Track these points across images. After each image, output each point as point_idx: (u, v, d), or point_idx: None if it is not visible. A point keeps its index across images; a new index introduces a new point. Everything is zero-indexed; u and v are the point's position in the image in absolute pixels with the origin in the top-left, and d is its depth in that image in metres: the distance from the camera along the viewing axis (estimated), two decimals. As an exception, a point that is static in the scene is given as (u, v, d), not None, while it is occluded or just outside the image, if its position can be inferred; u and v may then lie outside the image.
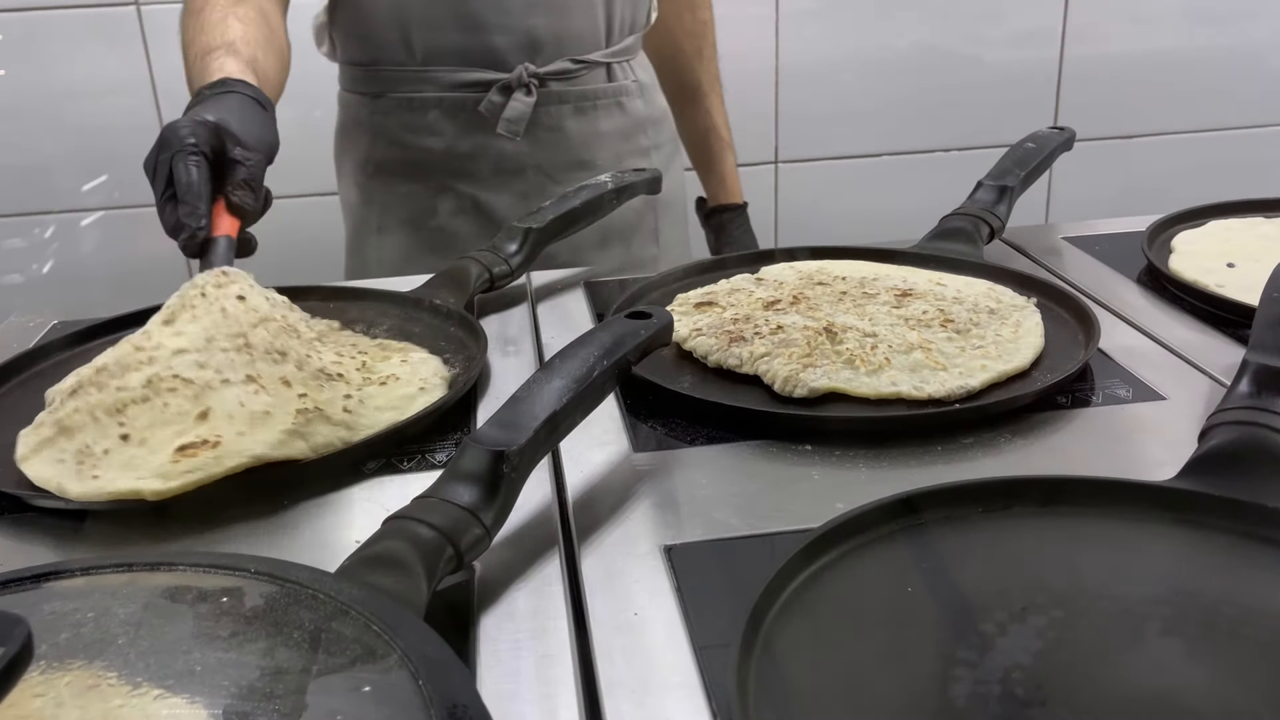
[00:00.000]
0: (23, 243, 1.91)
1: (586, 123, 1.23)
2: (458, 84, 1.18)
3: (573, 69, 1.20)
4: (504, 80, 1.16)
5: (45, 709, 0.42)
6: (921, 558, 0.58)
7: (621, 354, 0.66)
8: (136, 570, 0.54)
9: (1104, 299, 0.92)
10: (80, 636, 0.47)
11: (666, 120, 1.35)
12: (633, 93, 1.27)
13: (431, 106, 1.20)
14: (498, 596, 0.57)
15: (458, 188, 1.22)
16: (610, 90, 1.24)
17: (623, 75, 1.26)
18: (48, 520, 0.66)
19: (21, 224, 1.89)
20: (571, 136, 1.22)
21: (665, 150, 1.33)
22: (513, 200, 1.22)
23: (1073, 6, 2.01)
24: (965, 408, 0.73)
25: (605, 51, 1.23)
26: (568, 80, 1.20)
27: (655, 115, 1.31)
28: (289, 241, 1.86)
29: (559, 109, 1.21)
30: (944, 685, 0.48)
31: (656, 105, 1.32)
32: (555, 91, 1.19)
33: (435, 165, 1.21)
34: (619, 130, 1.26)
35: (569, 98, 1.21)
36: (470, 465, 0.58)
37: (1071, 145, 1.16)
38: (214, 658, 0.46)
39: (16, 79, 1.79)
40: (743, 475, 0.68)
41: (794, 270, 0.96)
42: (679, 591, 0.57)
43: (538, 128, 1.19)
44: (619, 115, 1.26)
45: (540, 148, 1.21)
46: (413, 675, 0.46)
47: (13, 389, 0.83)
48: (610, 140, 1.25)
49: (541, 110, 1.19)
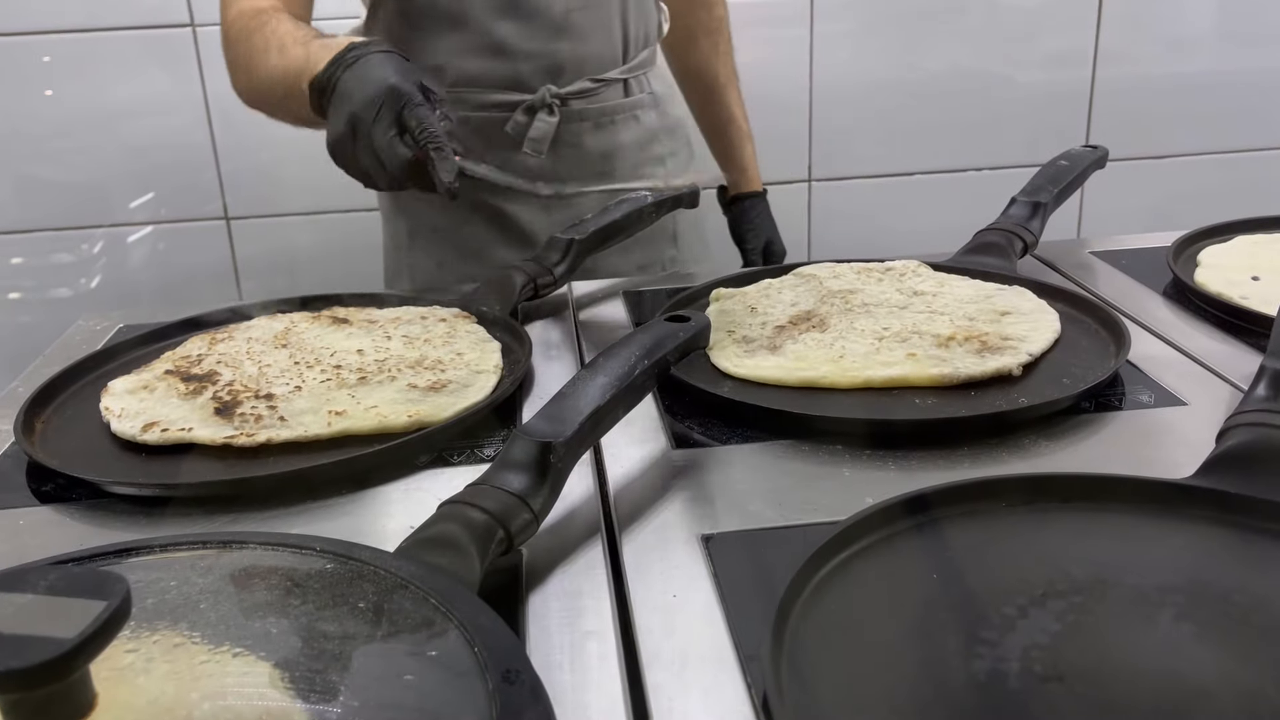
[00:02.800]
0: (73, 256, 1.97)
1: (605, 137, 1.28)
2: (485, 105, 1.23)
3: (592, 88, 1.25)
4: (529, 102, 1.22)
5: (136, 663, 0.45)
6: (946, 548, 0.61)
7: (661, 354, 0.70)
8: (211, 547, 0.58)
9: (1130, 310, 0.95)
10: (165, 602, 0.50)
11: (680, 127, 1.40)
12: (647, 105, 1.32)
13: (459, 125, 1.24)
14: (544, 578, 0.61)
15: (483, 199, 1.26)
16: (627, 104, 1.30)
17: (638, 89, 1.31)
18: (122, 505, 0.70)
19: (76, 237, 1.95)
20: (591, 151, 1.28)
21: (680, 156, 1.39)
22: (535, 212, 1.27)
23: (1105, 28, 2.03)
24: (991, 413, 0.76)
25: (622, 69, 1.28)
26: (587, 98, 1.26)
27: (669, 124, 1.37)
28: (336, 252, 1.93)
29: (579, 126, 1.26)
30: (965, 661, 0.51)
31: (670, 114, 1.37)
32: (576, 110, 1.25)
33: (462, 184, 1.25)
34: (635, 141, 1.31)
35: (589, 115, 1.26)
36: (520, 455, 0.62)
37: (1104, 164, 1.18)
38: (286, 623, 0.50)
39: (73, 98, 1.85)
40: (776, 472, 0.71)
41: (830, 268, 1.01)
42: (715, 576, 0.60)
43: (559, 144, 1.25)
44: (635, 127, 1.31)
45: (561, 162, 1.26)
46: (468, 642, 0.49)
47: (84, 386, 0.87)
48: (627, 151, 1.30)
49: (563, 128, 1.24)
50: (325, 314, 0.95)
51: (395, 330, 0.91)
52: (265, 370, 0.83)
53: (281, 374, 0.82)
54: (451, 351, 0.86)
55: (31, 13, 1.78)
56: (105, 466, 0.74)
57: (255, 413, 0.76)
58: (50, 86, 1.84)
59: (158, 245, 1.97)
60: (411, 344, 0.88)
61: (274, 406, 0.77)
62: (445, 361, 0.84)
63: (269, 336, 0.90)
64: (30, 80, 1.83)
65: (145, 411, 0.78)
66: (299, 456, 0.73)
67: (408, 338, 0.89)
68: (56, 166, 1.90)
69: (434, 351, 0.86)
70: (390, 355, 0.85)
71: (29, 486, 0.74)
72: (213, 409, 0.77)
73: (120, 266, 1.97)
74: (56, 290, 1.98)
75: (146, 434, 0.75)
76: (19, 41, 1.80)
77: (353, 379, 0.81)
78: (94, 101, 1.85)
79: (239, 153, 1.90)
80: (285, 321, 0.94)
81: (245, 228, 1.94)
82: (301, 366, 0.83)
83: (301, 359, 0.85)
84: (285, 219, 1.93)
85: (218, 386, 0.81)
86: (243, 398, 0.78)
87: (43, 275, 1.96)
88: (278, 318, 0.96)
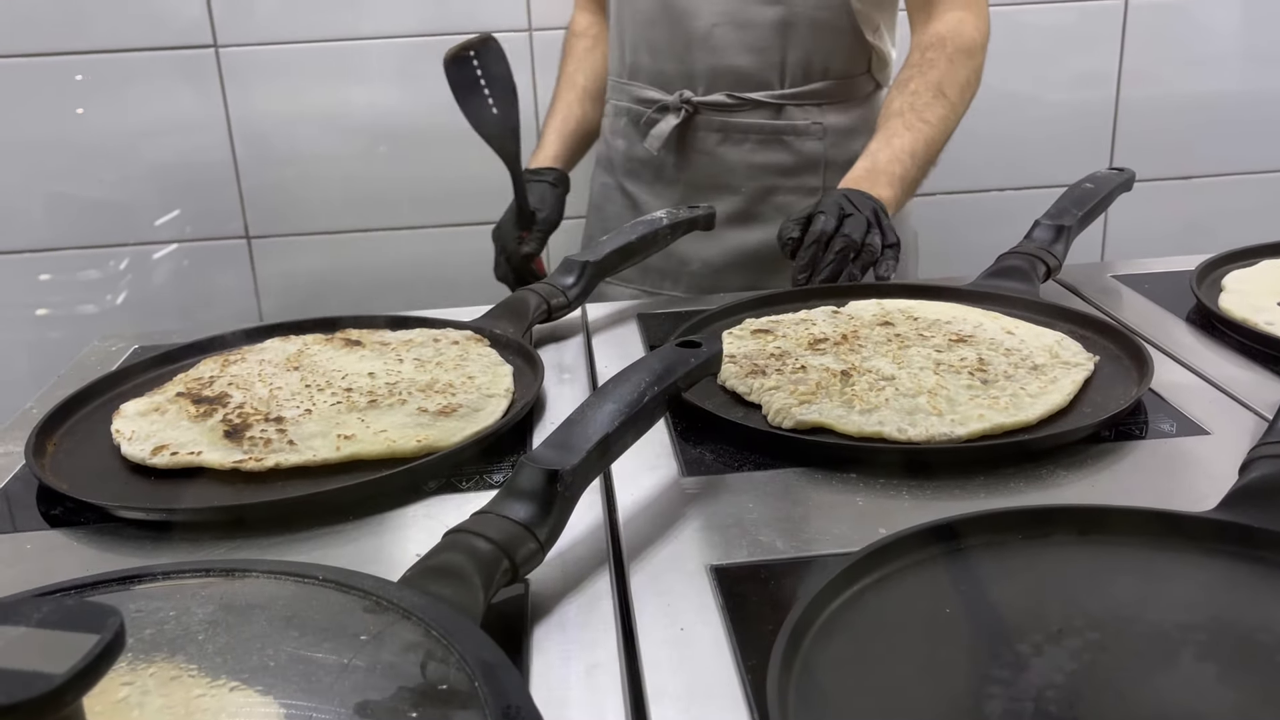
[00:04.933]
0: (99, 273, 1.99)
1: (737, 152, 1.32)
2: (639, 99, 1.35)
3: (729, 103, 1.29)
4: (664, 101, 1.30)
5: (132, 696, 0.45)
6: (960, 581, 0.59)
7: (671, 380, 0.69)
8: (213, 575, 0.57)
9: (1152, 336, 0.93)
10: (163, 633, 0.50)
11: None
12: (809, 133, 1.31)
13: (623, 114, 1.39)
14: (550, 609, 0.60)
15: (626, 186, 1.40)
16: (772, 128, 1.30)
17: (801, 116, 1.30)
18: (129, 529, 0.70)
19: (101, 255, 1.97)
20: (720, 161, 1.32)
21: None
22: (664, 205, 1.31)
23: (1129, 48, 2.01)
24: (1009, 442, 0.74)
25: (774, 93, 1.29)
26: (724, 112, 1.29)
27: (838, 160, 1.30)
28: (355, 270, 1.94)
29: (709, 136, 1.32)
30: (979, 702, 0.50)
31: (849, 151, 1.30)
32: (708, 120, 1.31)
33: (618, 164, 1.41)
34: (778, 165, 1.31)
35: (721, 127, 1.31)
36: (526, 483, 0.61)
37: (1131, 186, 1.17)
38: (285, 654, 0.49)
39: (98, 117, 1.87)
40: (789, 501, 0.70)
41: (877, 305, 0.98)
42: (725, 609, 0.59)
43: (690, 148, 1.33)
44: (780, 151, 1.31)
45: (689, 165, 1.34)
46: (470, 677, 0.48)
47: (96, 409, 0.87)
48: (763, 173, 1.32)
49: (695, 134, 1.32)
50: (338, 336, 0.95)
51: (407, 353, 0.90)
52: (276, 393, 0.83)
53: (292, 396, 0.82)
54: (463, 375, 0.86)
55: (59, 34, 1.80)
56: (115, 490, 0.74)
57: (265, 436, 0.76)
58: (78, 106, 1.86)
59: (181, 263, 1.98)
60: (423, 367, 0.87)
61: (283, 430, 0.77)
62: (456, 385, 0.83)
63: (281, 359, 0.90)
64: (59, 100, 1.85)
65: (156, 434, 0.78)
66: (307, 481, 0.73)
67: (419, 360, 0.89)
68: (84, 185, 1.92)
69: (445, 374, 0.85)
70: (401, 378, 0.85)
71: (39, 509, 0.74)
72: (222, 431, 0.77)
73: (144, 284, 1.99)
74: (83, 307, 2.00)
75: (156, 457, 0.75)
76: (48, 62, 1.82)
77: (363, 402, 0.80)
78: (120, 121, 1.87)
79: (260, 172, 1.91)
80: (298, 343, 0.94)
81: (266, 246, 1.95)
82: (313, 389, 0.83)
83: (313, 381, 0.85)
84: (305, 238, 1.94)
85: (228, 409, 0.80)
86: (253, 420, 0.78)
87: (70, 292, 1.98)
88: (291, 339, 0.96)
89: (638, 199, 1.39)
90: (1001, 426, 0.75)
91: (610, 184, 1.43)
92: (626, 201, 1.41)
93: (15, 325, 1.97)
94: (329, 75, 1.86)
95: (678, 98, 1.30)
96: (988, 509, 0.63)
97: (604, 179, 1.44)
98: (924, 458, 0.73)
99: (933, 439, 0.74)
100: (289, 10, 1.83)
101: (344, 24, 1.84)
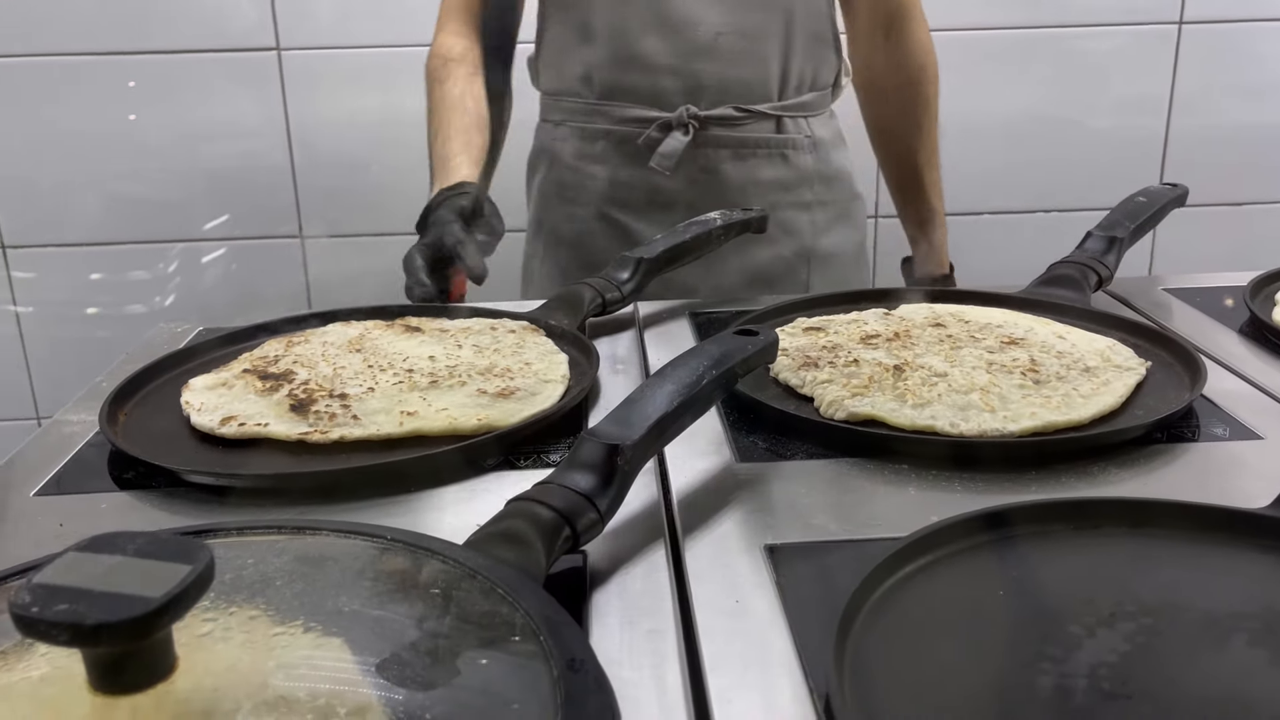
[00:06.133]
0: (153, 273, 2.03)
1: (744, 169, 1.28)
2: (625, 119, 1.27)
3: (735, 116, 1.25)
4: (664, 119, 1.24)
5: (215, 631, 0.47)
6: (1012, 566, 0.60)
7: (729, 366, 0.71)
8: (285, 533, 0.59)
9: (1205, 347, 0.94)
10: (241, 578, 0.52)
11: (840, 181, 1.36)
12: (802, 147, 1.30)
13: (600, 137, 1.29)
14: (606, 579, 0.61)
15: (612, 214, 1.30)
16: (775, 141, 1.28)
17: (795, 129, 1.29)
18: (198, 493, 0.72)
19: (157, 252, 2.01)
20: (726, 180, 1.28)
21: (832, 209, 1.35)
22: (659, 231, 1.25)
23: (1181, 76, 2.01)
24: (1062, 438, 0.75)
25: (775, 104, 1.27)
26: (730, 126, 1.26)
27: (827, 173, 1.33)
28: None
29: (717, 152, 1.27)
30: (1031, 676, 0.50)
31: (832, 164, 1.34)
32: (715, 135, 1.26)
33: (597, 192, 1.31)
34: (779, 181, 1.29)
35: (728, 143, 1.27)
36: (588, 456, 0.62)
37: (1183, 202, 1.17)
38: (358, 603, 0.51)
39: (159, 116, 1.91)
40: (840, 488, 0.71)
41: (928, 309, 0.99)
42: (779, 585, 0.60)
43: (694, 167, 1.26)
44: (781, 166, 1.29)
45: (693, 186, 1.27)
46: (534, 632, 0.50)
47: (165, 383, 0.90)
48: (767, 189, 1.29)
49: (700, 151, 1.25)
50: (398, 322, 0.98)
51: (465, 339, 0.92)
52: (340, 371, 0.85)
53: (355, 376, 0.84)
54: (520, 361, 0.87)
55: (122, 35, 1.85)
56: (184, 457, 0.76)
57: (329, 411, 0.78)
58: (139, 107, 1.90)
59: (231, 265, 2.02)
60: (481, 353, 0.89)
61: (347, 405, 0.79)
62: (514, 370, 0.85)
63: (343, 341, 0.93)
64: (119, 100, 1.89)
65: (223, 406, 0.80)
66: (369, 455, 0.75)
67: (478, 347, 0.91)
68: (141, 183, 1.96)
69: (503, 360, 0.87)
70: (460, 362, 0.87)
71: (110, 474, 0.77)
72: (288, 405, 0.79)
73: (196, 282, 2.02)
74: (136, 305, 2.04)
75: (224, 427, 0.77)
76: (110, 61, 1.87)
77: (424, 382, 0.82)
78: (179, 120, 1.92)
79: (315, 174, 1.95)
80: (359, 328, 0.96)
81: (318, 247, 1.98)
82: (374, 370, 0.85)
83: (375, 363, 0.87)
84: (358, 239, 1.97)
85: (293, 385, 0.83)
86: (317, 396, 0.80)
87: (122, 291, 2.02)
88: (352, 325, 0.98)
89: (629, 227, 1.30)
90: (1054, 425, 0.76)
91: (580, 214, 1.32)
92: (613, 231, 1.31)
93: (66, 323, 2.01)
94: (384, 80, 1.90)
95: (683, 113, 1.23)
96: (1040, 499, 0.64)
97: (569, 209, 1.33)
98: (976, 451, 0.74)
99: (985, 434, 0.75)
100: (347, 15, 1.88)
101: (400, 30, 1.88)
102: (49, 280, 1.98)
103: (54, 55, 1.86)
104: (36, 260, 1.97)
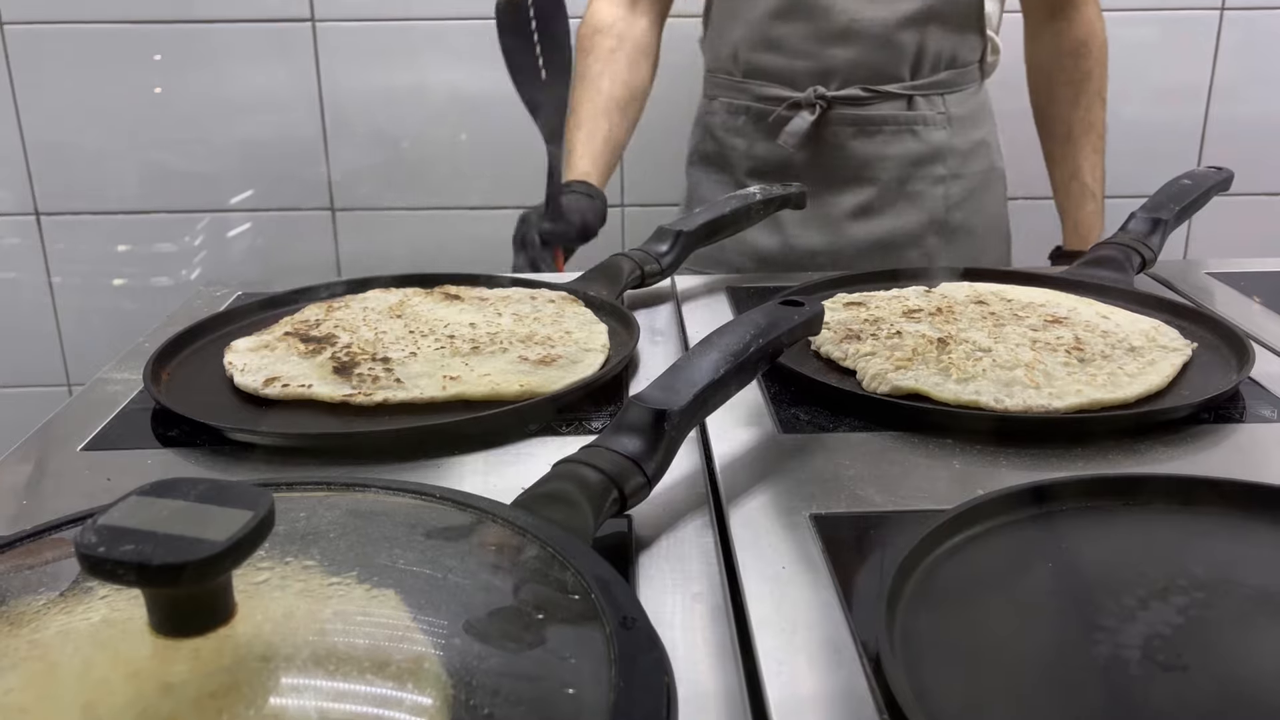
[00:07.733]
0: (181, 244, 2.04)
1: (871, 145, 1.32)
2: (763, 97, 1.34)
3: (863, 96, 1.29)
4: (794, 99, 1.30)
5: (272, 579, 0.47)
6: (1062, 539, 0.60)
7: (774, 335, 0.70)
8: (334, 489, 0.59)
9: (1251, 330, 0.92)
10: (295, 529, 0.52)
11: (978, 155, 1.38)
12: (935, 123, 1.33)
13: (742, 113, 1.37)
14: (652, 543, 0.61)
15: (748, 184, 1.33)
16: (904, 118, 1.31)
17: (928, 106, 1.32)
18: (242, 451, 0.72)
19: (188, 222, 2.01)
20: (852, 155, 1.32)
21: (965, 182, 1.37)
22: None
23: (1221, 63, 1.98)
24: (1109, 415, 0.74)
25: (906, 84, 1.30)
26: (858, 105, 1.30)
27: (962, 148, 1.35)
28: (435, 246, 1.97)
29: (841, 130, 1.31)
30: (1084, 646, 0.50)
31: (969, 138, 1.36)
32: (841, 114, 1.30)
33: (736, 162, 1.40)
34: (909, 156, 1.32)
35: (855, 121, 1.31)
36: (635, 420, 0.62)
37: (1228, 186, 1.16)
38: (411, 556, 0.51)
39: (194, 87, 1.92)
40: (886, 461, 0.71)
41: (969, 288, 0.98)
42: (825, 552, 0.60)
43: (821, 143, 1.32)
44: (911, 141, 1.32)
45: (821, 160, 1.33)
46: (586, 590, 0.50)
47: (206, 345, 0.90)
48: (895, 164, 1.32)
49: (827, 128, 1.31)
50: (438, 290, 0.98)
51: (505, 308, 0.92)
52: (381, 336, 0.85)
53: (397, 340, 0.84)
54: (560, 330, 0.87)
55: (158, 3, 1.85)
56: (228, 416, 0.77)
57: (372, 374, 0.78)
58: (173, 76, 1.91)
59: (259, 238, 2.02)
60: (521, 321, 0.89)
61: (390, 369, 0.79)
62: (555, 338, 0.85)
63: (384, 307, 0.93)
64: (153, 70, 1.90)
65: (267, 368, 0.81)
66: (411, 417, 0.75)
67: (518, 315, 0.91)
68: (176, 154, 1.97)
69: (543, 329, 0.87)
70: (501, 330, 0.87)
71: (154, 432, 0.77)
72: (331, 368, 0.79)
73: (226, 254, 2.03)
74: (164, 275, 2.05)
75: (268, 388, 0.78)
76: (145, 30, 1.87)
77: (466, 348, 0.82)
78: (214, 91, 1.92)
79: (348, 147, 1.95)
80: (399, 295, 0.97)
81: (349, 220, 1.99)
82: (416, 335, 0.85)
83: (416, 328, 0.87)
84: (389, 213, 1.97)
85: (336, 348, 0.83)
86: (360, 359, 0.80)
87: (152, 262, 2.02)
88: (391, 291, 0.98)
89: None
90: (1099, 403, 0.75)
91: (725, 181, 1.41)
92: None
93: (95, 293, 2.02)
94: (418, 53, 1.90)
95: (811, 93, 1.29)
96: (1090, 473, 0.63)
97: (716, 177, 1.42)
98: (1022, 426, 0.73)
99: (1030, 410, 0.74)
100: (381, -15, 1.87)
101: (434, 3, 1.87)
102: (79, 250, 1.99)
103: (90, 23, 1.87)
104: (70, 229, 1.98)
